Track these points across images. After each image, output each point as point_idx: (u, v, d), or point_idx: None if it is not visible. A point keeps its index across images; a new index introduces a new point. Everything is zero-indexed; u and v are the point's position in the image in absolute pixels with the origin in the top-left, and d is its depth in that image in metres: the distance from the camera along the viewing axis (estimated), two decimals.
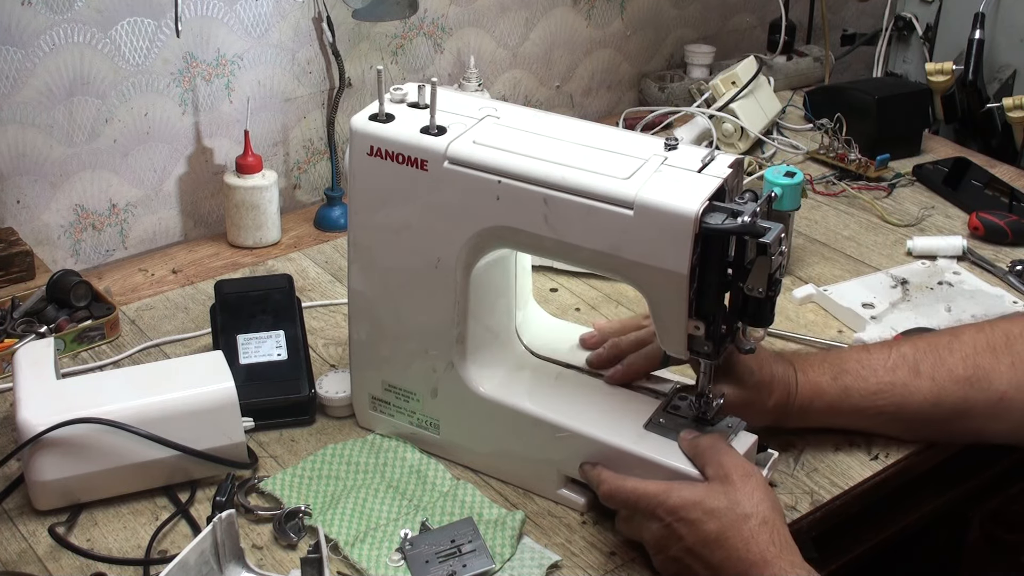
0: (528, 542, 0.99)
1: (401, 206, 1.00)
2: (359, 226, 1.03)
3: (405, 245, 1.01)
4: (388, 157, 0.98)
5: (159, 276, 1.43)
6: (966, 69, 1.78)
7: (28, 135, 1.35)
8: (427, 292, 1.02)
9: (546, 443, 1.01)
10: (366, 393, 1.10)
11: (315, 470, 1.07)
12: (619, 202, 0.91)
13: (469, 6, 1.68)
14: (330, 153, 1.58)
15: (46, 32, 1.32)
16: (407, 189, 0.99)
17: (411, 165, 0.98)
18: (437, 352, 1.04)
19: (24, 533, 1.01)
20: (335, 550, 0.97)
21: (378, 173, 0.99)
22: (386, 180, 0.99)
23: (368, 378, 1.09)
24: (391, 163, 0.98)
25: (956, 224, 1.55)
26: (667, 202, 0.89)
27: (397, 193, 0.99)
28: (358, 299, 1.07)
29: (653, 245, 0.90)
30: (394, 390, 1.08)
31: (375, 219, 1.02)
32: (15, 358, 1.08)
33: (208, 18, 1.44)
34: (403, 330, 1.05)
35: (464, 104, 1.02)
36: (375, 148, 0.99)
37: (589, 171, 0.93)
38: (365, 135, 0.99)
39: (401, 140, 0.98)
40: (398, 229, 1.01)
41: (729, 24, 2.04)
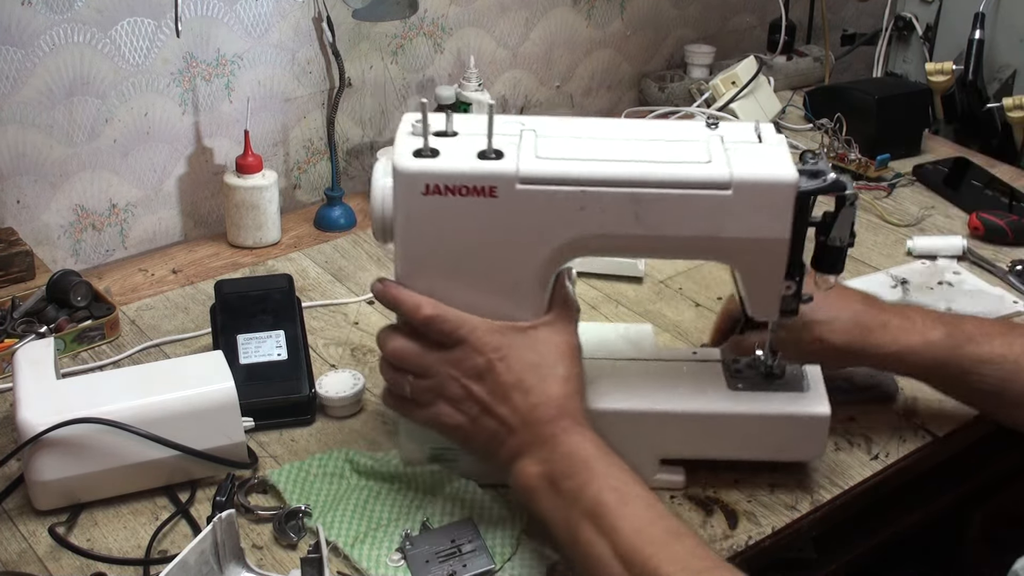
0: (528, 542, 0.99)
1: (468, 239, 0.94)
2: (415, 273, 0.95)
3: (476, 278, 0.95)
4: (448, 192, 0.91)
5: (159, 276, 1.43)
6: (966, 69, 1.78)
7: (28, 135, 1.35)
8: (502, 318, 0.97)
9: (640, 434, 1.01)
10: (424, 449, 1.03)
11: (321, 467, 1.07)
12: (716, 185, 0.92)
13: (469, 6, 1.68)
14: (330, 153, 1.58)
15: (46, 32, 1.32)
16: (475, 220, 0.92)
17: (477, 195, 0.91)
18: None
19: (24, 533, 1.01)
20: (335, 550, 0.97)
21: (437, 212, 0.92)
22: (448, 217, 0.92)
23: (425, 433, 1.02)
24: (452, 197, 0.91)
25: (956, 224, 1.55)
26: (765, 175, 0.93)
27: (462, 227, 0.93)
28: None
29: (754, 219, 0.93)
30: None
31: (436, 261, 0.95)
32: (15, 358, 1.08)
33: (208, 18, 1.44)
34: None
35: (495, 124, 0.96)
36: (431, 186, 0.91)
37: (672, 162, 0.93)
38: (416, 175, 0.91)
39: (462, 171, 0.91)
40: (465, 264, 0.95)
41: (729, 24, 2.04)
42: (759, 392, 1.04)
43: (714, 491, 1.06)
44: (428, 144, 0.93)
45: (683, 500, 1.05)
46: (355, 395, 1.16)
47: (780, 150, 0.97)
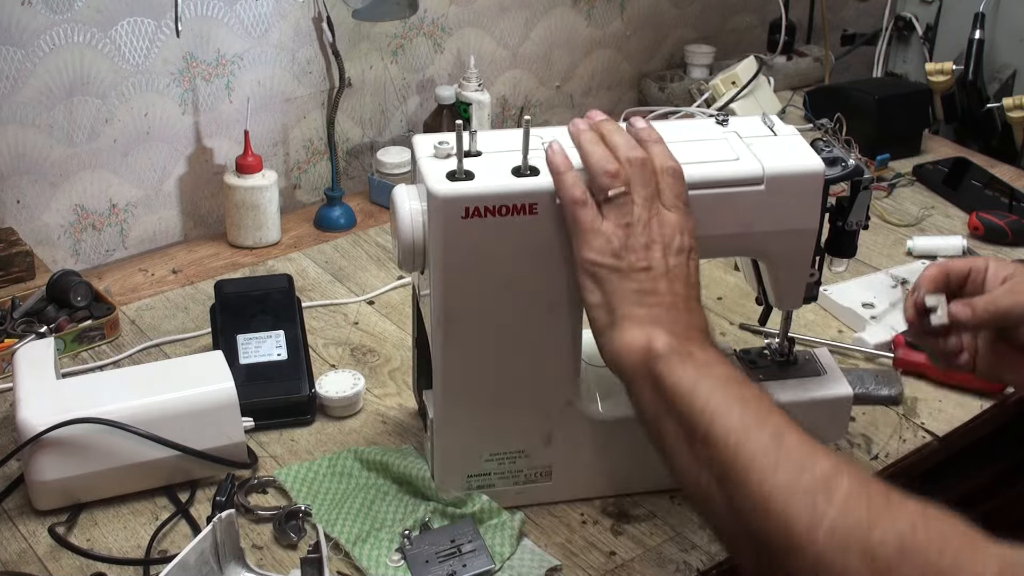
0: (528, 543, 0.99)
1: (508, 259, 0.92)
2: (454, 300, 0.93)
3: (513, 299, 0.94)
4: (488, 213, 0.89)
5: (159, 276, 1.43)
6: (966, 69, 1.78)
7: (28, 135, 1.35)
8: (541, 338, 0.96)
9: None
10: (460, 476, 1.02)
11: (331, 467, 1.07)
12: (749, 181, 0.94)
13: (469, 6, 1.68)
14: (330, 153, 1.57)
15: (46, 32, 1.32)
16: (515, 239, 0.91)
17: (517, 213, 0.90)
18: (552, 398, 0.99)
19: (24, 533, 1.01)
20: (336, 549, 0.98)
21: (477, 234, 0.90)
22: (488, 238, 0.90)
23: (462, 459, 1.01)
24: (492, 218, 0.89)
25: (956, 224, 1.55)
26: (794, 168, 0.95)
27: (502, 248, 0.91)
28: (453, 378, 0.97)
29: (785, 211, 0.95)
30: (497, 457, 1.01)
31: (475, 284, 0.92)
32: (15, 358, 1.08)
33: (208, 18, 1.44)
34: (511, 391, 0.98)
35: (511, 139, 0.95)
36: (471, 209, 0.89)
37: (704, 162, 0.94)
38: (455, 199, 0.89)
39: (501, 191, 0.90)
40: (503, 285, 0.93)
41: (729, 24, 2.04)
42: (779, 380, 1.05)
43: None
44: (462, 167, 0.91)
45: (683, 500, 1.05)
46: (355, 395, 1.16)
47: (797, 141, 0.99)
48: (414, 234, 0.92)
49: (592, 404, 1.02)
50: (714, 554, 0.99)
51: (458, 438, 1.00)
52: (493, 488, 1.02)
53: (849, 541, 0.70)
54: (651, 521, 1.02)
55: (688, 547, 0.99)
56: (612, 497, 1.05)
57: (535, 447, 1.01)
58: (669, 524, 1.02)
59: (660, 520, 1.03)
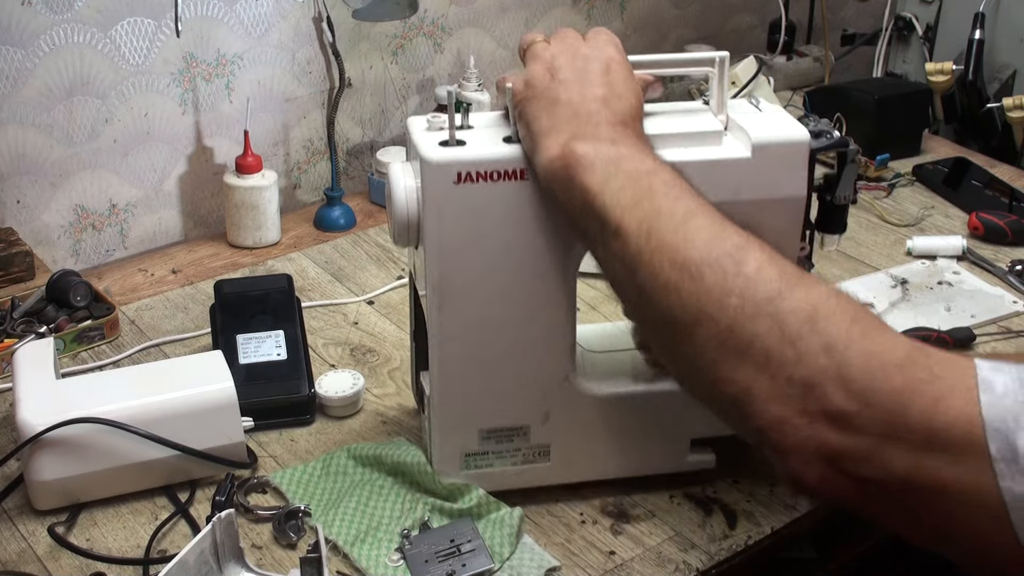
0: (528, 542, 0.99)
1: (500, 227, 0.93)
2: (449, 268, 0.94)
3: (507, 268, 0.95)
4: (480, 178, 0.91)
5: (159, 276, 1.43)
6: (966, 69, 1.78)
7: (28, 135, 1.35)
8: (535, 310, 0.96)
9: (669, 414, 1.01)
10: (457, 454, 1.01)
11: (325, 467, 1.07)
12: (736, 149, 0.96)
13: (469, 6, 1.68)
14: (330, 153, 1.58)
15: (46, 32, 1.32)
16: (506, 206, 0.92)
17: (508, 179, 0.91)
18: (549, 372, 0.99)
19: (24, 533, 1.01)
20: (335, 549, 0.98)
21: (469, 200, 0.92)
22: (479, 204, 0.92)
23: (460, 437, 1.01)
24: (484, 183, 0.91)
25: (956, 224, 1.55)
26: (780, 137, 0.96)
27: (494, 214, 0.92)
28: (450, 352, 0.97)
29: (772, 179, 0.96)
30: (495, 435, 1.01)
31: (468, 252, 0.94)
32: (15, 358, 1.08)
33: (208, 18, 1.44)
34: (508, 363, 0.98)
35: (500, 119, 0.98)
36: (463, 174, 0.91)
37: (692, 132, 0.96)
38: (447, 164, 0.91)
39: (491, 157, 0.91)
40: (497, 253, 0.94)
41: (729, 24, 2.04)
42: None
43: (714, 491, 1.06)
44: (454, 136, 0.93)
45: (683, 500, 1.05)
46: (354, 395, 1.16)
47: (783, 115, 1.00)
48: (408, 209, 0.94)
49: (590, 383, 1.02)
50: (714, 554, 0.99)
51: (455, 414, 1.00)
52: (492, 468, 1.02)
53: (759, 309, 0.71)
54: (651, 521, 1.03)
55: (688, 547, 0.99)
56: (616, 491, 1.05)
57: (533, 425, 1.01)
58: (669, 524, 1.02)
59: (660, 520, 1.03)
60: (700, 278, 0.74)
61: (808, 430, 0.69)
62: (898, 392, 0.67)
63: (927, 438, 0.65)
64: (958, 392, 0.65)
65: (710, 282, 0.73)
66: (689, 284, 0.74)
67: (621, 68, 0.90)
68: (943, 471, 0.65)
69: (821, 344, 0.69)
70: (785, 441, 0.70)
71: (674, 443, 1.05)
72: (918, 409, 0.66)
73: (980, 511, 0.64)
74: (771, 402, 0.70)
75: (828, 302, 0.71)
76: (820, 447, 0.69)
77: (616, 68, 0.90)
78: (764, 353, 0.71)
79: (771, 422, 0.71)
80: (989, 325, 1.31)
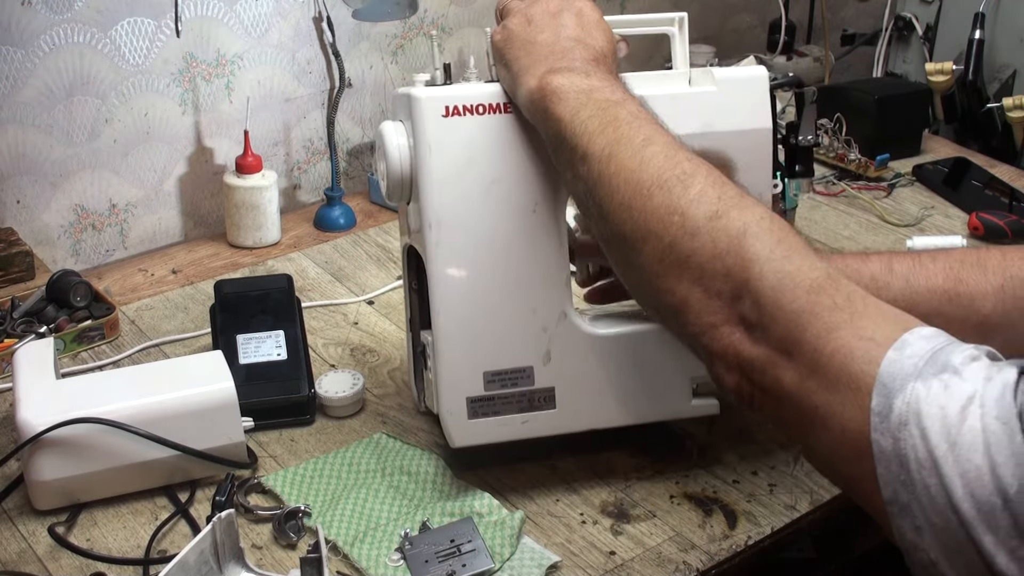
0: (528, 542, 0.99)
1: (489, 159, 0.98)
2: (443, 202, 0.98)
3: (499, 201, 0.99)
4: (467, 112, 0.98)
5: (159, 276, 1.43)
6: (966, 69, 1.78)
7: (28, 135, 1.35)
8: (528, 243, 1.00)
9: (672, 353, 1.02)
10: (463, 399, 1.01)
11: (317, 469, 1.07)
12: (704, 84, 1.04)
13: (469, 6, 1.68)
14: (330, 153, 1.58)
15: (46, 32, 1.32)
16: (493, 138, 0.98)
17: (493, 112, 0.98)
18: (546, 307, 1.01)
19: (24, 533, 1.01)
20: (334, 550, 0.98)
21: (458, 132, 0.98)
22: (468, 136, 0.98)
23: (464, 379, 1.01)
24: (472, 117, 0.98)
25: (956, 224, 1.55)
26: (742, 74, 1.05)
27: (482, 146, 0.98)
28: (448, 288, 0.99)
29: (738, 109, 1.03)
30: (499, 378, 1.01)
31: (461, 186, 0.98)
32: (15, 358, 1.08)
33: (208, 18, 1.44)
34: (506, 298, 1.00)
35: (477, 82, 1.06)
36: (451, 107, 0.98)
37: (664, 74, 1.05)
38: (435, 99, 0.98)
39: (474, 92, 0.99)
40: (488, 186, 0.98)
41: (729, 24, 2.04)
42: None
43: (713, 491, 1.06)
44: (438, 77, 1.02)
45: (682, 500, 1.05)
46: (355, 395, 1.16)
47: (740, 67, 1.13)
48: (402, 166, 0.99)
49: (588, 324, 1.03)
50: (714, 554, 0.99)
51: (458, 357, 1.00)
52: (498, 416, 1.02)
53: (698, 227, 0.77)
54: (651, 521, 1.03)
55: (688, 547, 0.99)
56: (616, 491, 1.05)
57: (536, 366, 1.02)
58: (669, 524, 1.02)
59: (660, 520, 1.03)
60: (650, 197, 0.80)
61: (728, 338, 0.76)
62: (798, 313, 0.72)
63: (812, 360, 0.70)
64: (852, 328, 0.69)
65: (657, 201, 0.80)
66: (640, 203, 0.81)
67: (593, 13, 0.97)
68: (818, 395, 0.69)
69: (745, 259, 0.75)
70: (712, 346, 0.78)
71: (676, 388, 1.05)
72: (812, 333, 0.70)
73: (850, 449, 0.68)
74: (703, 312, 0.78)
75: (760, 223, 0.76)
76: (735, 354, 0.76)
77: (588, 13, 0.96)
78: (699, 267, 0.77)
79: (702, 328, 0.78)
80: None
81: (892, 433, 0.64)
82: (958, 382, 0.64)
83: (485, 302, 1.00)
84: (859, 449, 0.67)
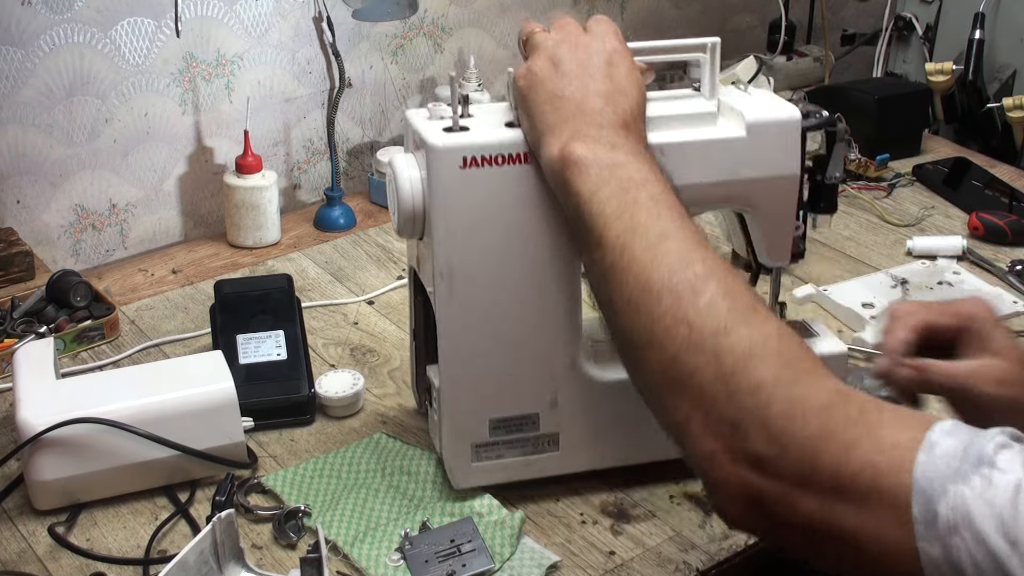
0: (528, 542, 0.99)
1: (506, 211, 0.94)
2: (455, 253, 0.94)
3: (514, 252, 0.95)
4: (485, 163, 0.92)
5: (159, 276, 1.43)
6: (966, 69, 1.78)
7: (28, 135, 1.35)
8: (541, 293, 0.97)
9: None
10: (467, 446, 1.01)
11: (317, 469, 1.07)
12: (731, 129, 0.98)
13: (469, 6, 1.68)
14: (330, 153, 1.58)
15: (46, 32, 1.32)
16: (512, 190, 0.93)
17: (512, 163, 0.93)
18: (556, 356, 0.99)
19: (24, 533, 1.01)
20: (334, 550, 0.98)
21: (475, 185, 0.93)
22: (486, 189, 0.93)
23: (470, 427, 1.00)
24: (490, 168, 0.92)
25: (956, 224, 1.55)
26: (773, 117, 0.99)
27: (500, 198, 0.93)
28: (457, 340, 0.97)
29: (767, 157, 0.98)
30: (504, 424, 1.01)
31: (476, 238, 0.94)
32: (15, 358, 1.08)
33: (208, 18, 1.44)
34: (516, 348, 0.99)
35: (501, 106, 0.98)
36: (468, 159, 0.92)
37: (689, 114, 0.98)
38: (453, 149, 0.92)
39: (495, 141, 0.93)
40: (503, 237, 0.95)
41: (729, 24, 2.04)
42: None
43: None
44: (458, 121, 0.94)
45: (682, 500, 1.05)
46: (355, 395, 1.16)
47: (772, 96, 1.03)
48: (414, 200, 0.95)
49: (596, 369, 1.02)
50: (714, 554, 0.99)
51: (465, 404, 1.00)
52: (501, 459, 1.02)
53: (703, 343, 0.72)
54: (651, 521, 1.03)
55: (688, 547, 0.99)
56: (616, 491, 1.05)
57: (543, 412, 1.01)
58: (669, 524, 1.02)
59: (660, 520, 1.03)
60: (658, 302, 0.74)
61: (732, 468, 0.70)
62: (812, 438, 0.67)
63: (835, 484, 0.66)
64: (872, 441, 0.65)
65: (665, 307, 0.74)
66: (647, 306, 0.75)
67: (624, 60, 0.90)
68: (848, 519, 0.65)
69: (750, 385, 0.70)
70: (713, 474, 0.71)
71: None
72: (829, 456, 0.66)
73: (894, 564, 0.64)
74: (703, 436, 0.71)
75: (767, 343, 0.71)
76: (742, 486, 0.70)
77: (619, 61, 0.89)
78: (700, 388, 0.71)
79: (703, 455, 0.72)
80: None
81: (941, 540, 0.62)
82: (999, 475, 0.61)
83: (494, 352, 0.98)
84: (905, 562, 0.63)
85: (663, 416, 0.75)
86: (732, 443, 0.70)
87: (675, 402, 0.73)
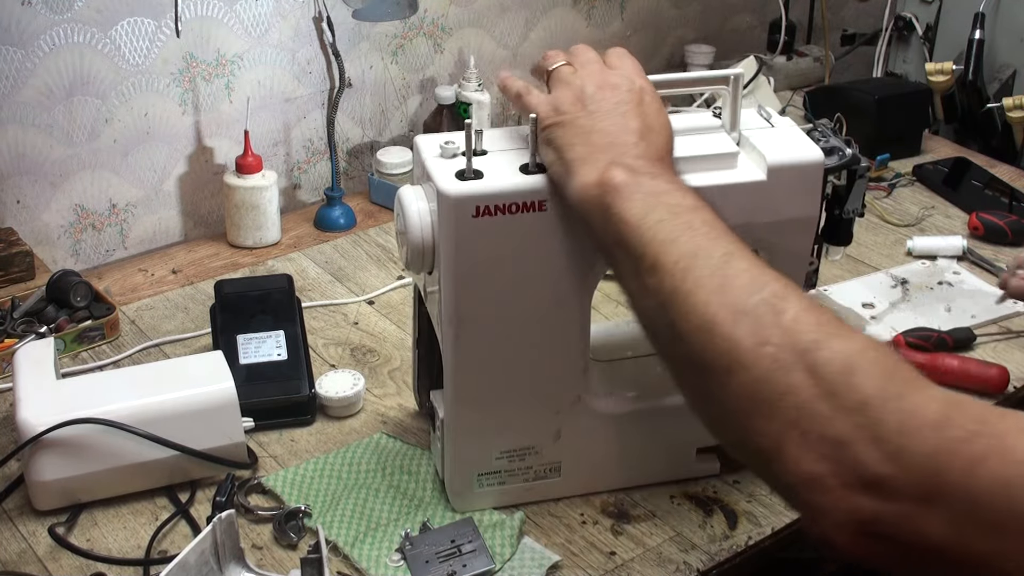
0: (528, 542, 0.99)
1: (517, 259, 0.92)
2: (466, 299, 0.92)
3: (524, 298, 0.94)
4: (500, 211, 0.89)
5: (159, 276, 1.43)
6: (966, 69, 1.78)
7: (28, 135, 1.35)
8: (550, 335, 0.96)
9: (678, 426, 0.99)
10: (471, 475, 1.01)
11: (317, 469, 1.07)
12: (752, 173, 0.95)
13: (469, 6, 1.68)
14: (330, 153, 1.57)
15: (46, 32, 1.32)
16: (525, 237, 0.91)
17: (527, 211, 0.90)
18: (562, 393, 0.99)
19: (24, 533, 1.01)
20: (335, 550, 0.97)
21: (487, 232, 0.90)
22: (500, 237, 0.90)
23: (474, 459, 1.00)
24: (504, 216, 0.89)
25: (956, 224, 1.55)
26: (795, 159, 0.96)
27: (512, 246, 0.91)
28: (463, 380, 0.96)
29: (786, 200, 0.96)
30: (508, 455, 1.01)
31: (486, 284, 0.92)
32: (15, 358, 1.08)
33: (208, 18, 1.44)
34: (522, 387, 0.98)
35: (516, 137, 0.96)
36: (482, 208, 0.89)
37: (707, 155, 0.95)
38: (466, 198, 0.89)
39: (511, 190, 0.89)
40: (514, 284, 0.93)
41: (729, 24, 2.04)
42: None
43: (714, 491, 1.06)
44: (471, 167, 0.91)
45: (683, 500, 1.05)
46: (355, 395, 1.16)
47: (795, 132, 1.00)
48: (423, 234, 0.92)
49: (600, 399, 1.02)
50: (714, 554, 0.99)
51: (470, 437, 1.00)
52: (503, 485, 1.02)
53: (796, 360, 0.67)
54: (651, 521, 1.03)
55: (688, 547, 0.99)
56: (616, 492, 1.05)
57: (545, 443, 1.01)
58: (669, 524, 1.02)
59: (660, 520, 1.03)
60: (736, 324, 0.70)
61: (840, 491, 0.65)
62: (932, 455, 0.62)
63: (965, 504, 0.61)
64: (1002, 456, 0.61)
65: (746, 329, 0.70)
66: (724, 329, 0.70)
67: (653, 100, 0.89)
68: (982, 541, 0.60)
69: (856, 401, 0.65)
70: (816, 501, 0.66)
71: (681, 453, 1.06)
72: (955, 473, 0.61)
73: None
74: (803, 460, 0.66)
75: (865, 355, 0.67)
76: (853, 510, 0.64)
77: (648, 100, 0.88)
78: (796, 407, 0.66)
79: (802, 480, 0.66)
80: (989, 325, 1.31)
81: None
82: None
83: (501, 392, 0.98)
84: None
85: (748, 444, 0.70)
86: (839, 464, 0.65)
87: (764, 426, 0.68)
